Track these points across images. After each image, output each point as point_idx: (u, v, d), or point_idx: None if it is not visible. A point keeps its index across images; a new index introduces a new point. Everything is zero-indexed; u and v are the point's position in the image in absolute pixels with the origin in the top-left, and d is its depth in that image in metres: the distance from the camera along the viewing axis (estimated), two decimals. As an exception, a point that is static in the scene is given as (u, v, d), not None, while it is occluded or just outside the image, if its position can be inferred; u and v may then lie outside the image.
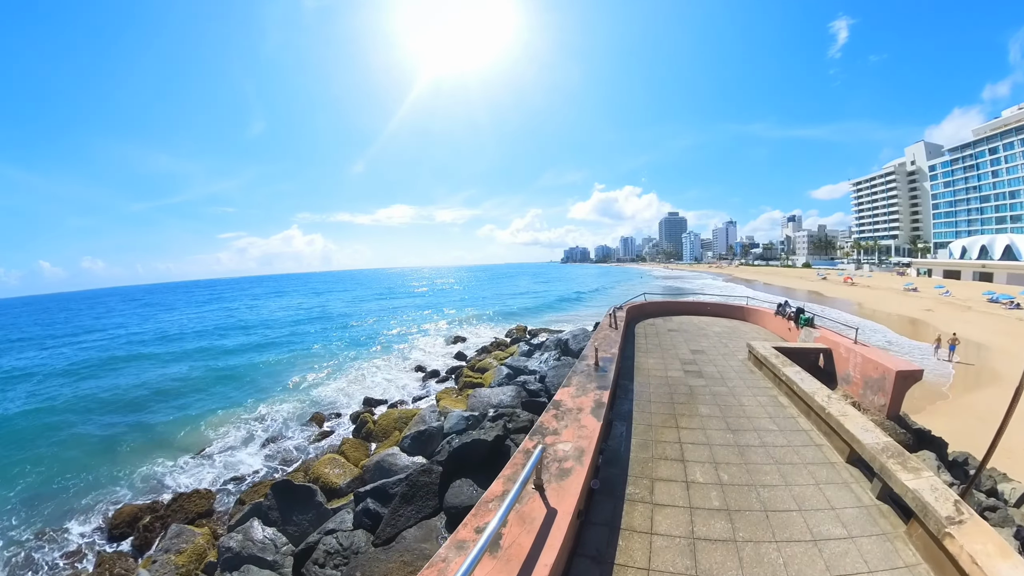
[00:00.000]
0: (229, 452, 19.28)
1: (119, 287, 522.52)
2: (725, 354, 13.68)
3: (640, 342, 15.23)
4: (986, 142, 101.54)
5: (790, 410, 9.18)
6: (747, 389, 10.24)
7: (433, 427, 14.71)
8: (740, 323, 19.72)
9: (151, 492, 16.31)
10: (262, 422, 22.33)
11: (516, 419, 11.45)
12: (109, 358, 42.64)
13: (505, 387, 16.75)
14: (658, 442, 7.52)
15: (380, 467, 13.76)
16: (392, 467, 13.54)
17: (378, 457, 14.33)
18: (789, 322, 15.92)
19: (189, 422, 23.24)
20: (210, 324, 64.16)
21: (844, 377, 12.02)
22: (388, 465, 13.67)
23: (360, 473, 14.35)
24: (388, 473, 13.30)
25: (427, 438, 14.37)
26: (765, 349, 11.76)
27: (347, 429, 20.16)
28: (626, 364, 12.11)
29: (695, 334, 16.91)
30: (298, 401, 24.88)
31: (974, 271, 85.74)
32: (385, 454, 14.37)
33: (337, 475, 14.36)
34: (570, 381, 8.16)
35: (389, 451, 14.67)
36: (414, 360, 32.28)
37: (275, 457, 18.48)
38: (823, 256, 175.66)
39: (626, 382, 10.46)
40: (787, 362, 10.59)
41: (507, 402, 15.59)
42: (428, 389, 24.19)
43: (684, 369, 11.86)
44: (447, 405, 18.03)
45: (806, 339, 14.15)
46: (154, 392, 29.18)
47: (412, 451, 14.21)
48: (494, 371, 22.13)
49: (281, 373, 31.70)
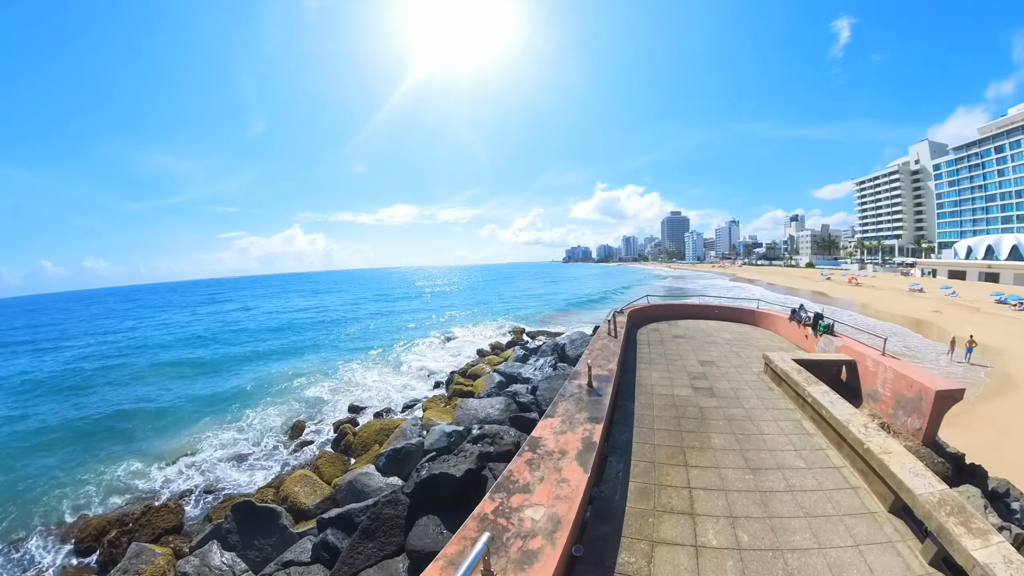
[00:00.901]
0: (206, 461, 18.25)
1: (121, 287, 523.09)
2: (738, 366, 12.29)
3: (643, 351, 13.85)
4: (992, 140, 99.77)
5: (817, 439, 7.84)
6: (766, 412, 8.90)
7: (412, 444, 13.44)
8: (751, 328, 18.25)
9: (123, 503, 15.55)
10: (243, 430, 21.21)
11: (499, 441, 10.14)
12: (97, 361, 41.42)
13: (494, 398, 15.43)
14: (662, 486, 6.17)
15: (352, 487, 12.67)
16: (364, 488, 12.43)
17: (351, 476, 13.22)
18: (805, 329, 14.50)
19: (169, 428, 22.15)
20: (201, 327, 62.80)
21: (871, 394, 10.65)
22: (360, 486, 12.55)
23: (332, 492, 13.31)
24: (359, 495, 12.25)
25: (404, 456, 13.10)
26: (785, 362, 10.42)
27: (328, 438, 18.99)
28: (626, 378, 10.78)
29: (703, 341, 15.52)
30: (284, 407, 23.66)
31: (980, 271, 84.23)
32: (359, 473, 13.25)
33: (307, 494, 13.28)
34: (555, 409, 6.80)
35: (364, 469, 13.53)
36: (407, 364, 31.00)
37: (250, 468, 17.42)
38: (826, 256, 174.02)
39: (625, 402, 9.12)
40: (812, 379, 9.24)
41: (495, 416, 14.29)
42: (417, 396, 22.89)
43: (693, 385, 10.47)
44: (432, 417, 16.75)
45: (826, 348, 12.79)
46: (136, 397, 27.94)
47: (387, 471, 13.00)
48: (486, 378, 20.79)
49: (270, 377, 30.40)
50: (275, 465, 17.42)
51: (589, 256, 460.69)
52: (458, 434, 13.45)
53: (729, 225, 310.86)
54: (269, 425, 21.41)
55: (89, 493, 16.35)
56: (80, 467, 18.45)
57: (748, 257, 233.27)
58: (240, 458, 18.31)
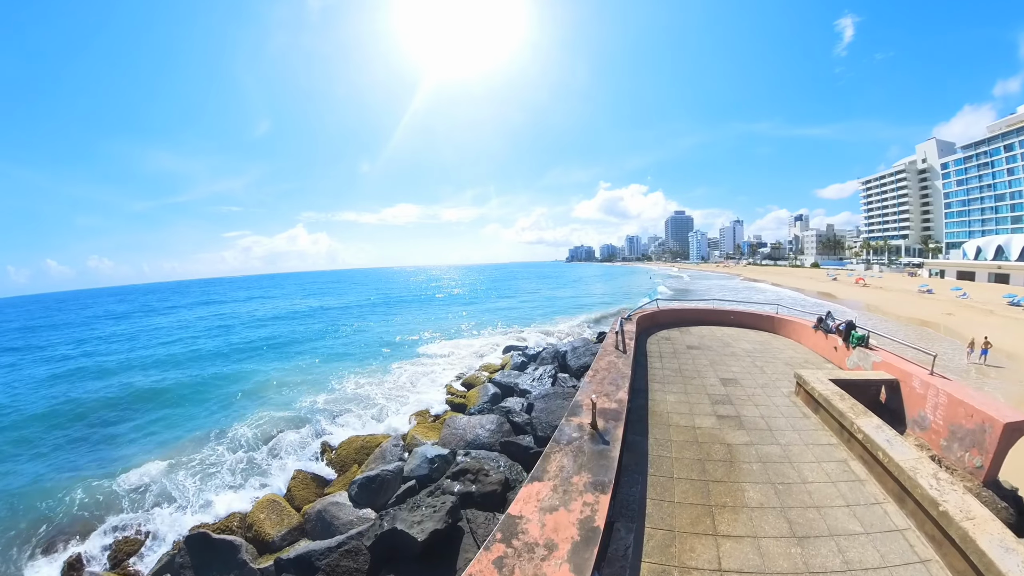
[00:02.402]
0: (175, 480, 16.77)
1: (125, 286, 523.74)
2: (765, 385, 10.74)
3: (654, 366, 12.30)
4: (1001, 139, 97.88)
5: (871, 488, 6.38)
6: (806, 449, 7.41)
7: (389, 471, 12.06)
8: (770, 337, 16.66)
9: (81, 530, 14.03)
10: (220, 445, 19.75)
11: (483, 479, 8.75)
12: (79, 364, 40.14)
13: (486, 416, 14.01)
14: (685, 570, 4.72)
15: (322, 518, 11.41)
16: (333, 521, 11.14)
17: (322, 504, 11.93)
18: (835, 339, 12.88)
19: (144, 443, 20.71)
20: (194, 330, 61.41)
21: (917, 420, 9.16)
22: (330, 517, 11.27)
23: (301, 522, 11.98)
24: (327, 528, 10.96)
25: (379, 485, 11.72)
26: (823, 384, 8.95)
27: (307, 454, 17.56)
28: (637, 403, 9.28)
29: (721, 352, 13.96)
30: (266, 418, 22.17)
31: (990, 272, 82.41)
32: (330, 502, 11.96)
33: (273, 523, 11.99)
34: (546, 465, 5.26)
35: (335, 498, 12.24)
36: (399, 371, 29.52)
37: (219, 489, 15.97)
38: (831, 256, 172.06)
39: (637, 437, 7.63)
40: (859, 408, 7.76)
41: (484, 438, 12.88)
42: (406, 407, 21.47)
43: (716, 412, 8.91)
44: (418, 435, 15.34)
45: (860, 363, 11.28)
46: (112, 408, 26.49)
47: (360, 500, 11.64)
48: (480, 389, 19.35)
49: (256, 385, 28.98)
50: (247, 486, 16.03)
51: (592, 256, 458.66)
52: (441, 460, 12.10)
53: (733, 225, 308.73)
54: (248, 439, 19.99)
55: (47, 520, 14.89)
56: (43, 488, 17.02)
57: (753, 257, 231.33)
58: (211, 477, 16.95)
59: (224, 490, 15.87)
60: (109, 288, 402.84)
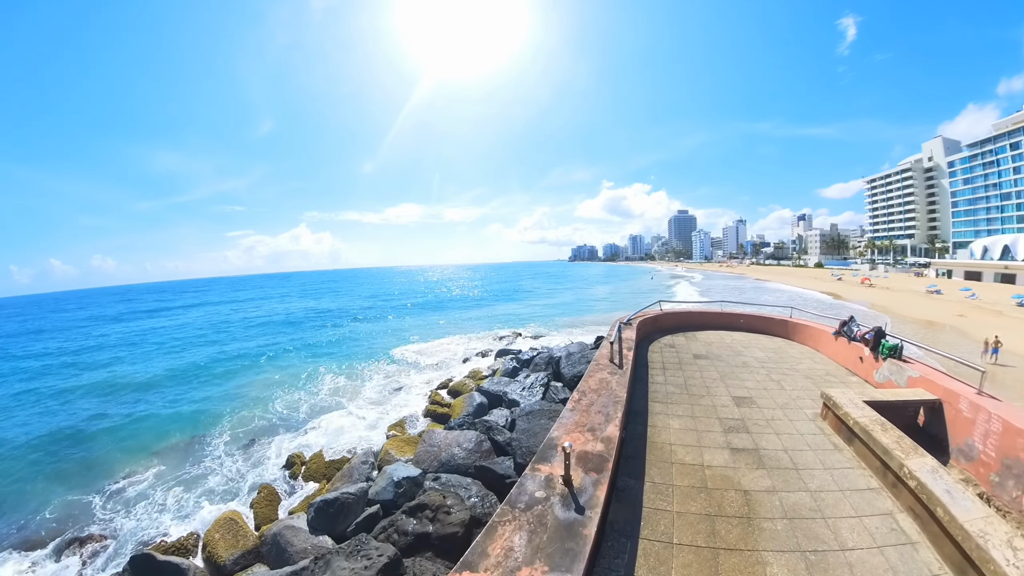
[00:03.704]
0: (139, 493, 15.81)
1: (128, 285, 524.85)
2: (785, 405, 9.31)
3: (656, 380, 10.81)
4: (1007, 137, 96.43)
5: (925, 555, 4.94)
6: (842, 498, 5.91)
7: (351, 493, 10.77)
8: (784, 343, 15.12)
9: (34, 542, 13.32)
10: (190, 454, 18.69)
11: (443, 519, 7.47)
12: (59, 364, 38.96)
13: (467, 431, 12.61)
14: None
15: (277, 543, 10.23)
16: (287, 548, 9.94)
17: (279, 527, 10.64)
18: (860, 348, 11.33)
19: (110, 454, 19.52)
20: (185, 333, 60.14)
21: (962, 449, 7.70)
22: (284, 543, 10.07)
23: (257, 544, 10.79)
24: (281, 556, 9.79)
25: (338, 509, 10.42)
26: (857, 408, 7.50)
27: (276, 469, 16.34)
28: (633, 430, 7.82)
29: (732, 363, 12.50)
30: (240, 423, 21.05)
31: (996, 272, 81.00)
32: (286, 525, 10.75)
33: (227, 545, 10.82)
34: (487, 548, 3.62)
35: (294, 520, 11.07)
36: (385, 374, 28.25)
37: (182, 503, 14.96)
38: (835, 256, 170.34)
39: (630, 480, 6.12)
40: (908, 444, 6.24)
41: (460, 459, 11.53)
42: (385, 417, 20.14)
43: (729, 443, 7.40)
44: (392, 450, 14.04)
45: (892, 377, 9.82)
46: (83, 416, 25.23)
47: (317, 526, 10.39)
48: (466, 398, 17.99)
49: (236, 392, 27.69)
50: (210, 500, 14.97)
51: (595, 255, 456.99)
52: (409, 483, 10.79)
53: (736, 224, 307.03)
54: (218, 449, 18.91)
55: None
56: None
57: (756, 256, 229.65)
58: (176, 489, 15.87)
59: (187, 504, 14.87)
60: (111, 288, 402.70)
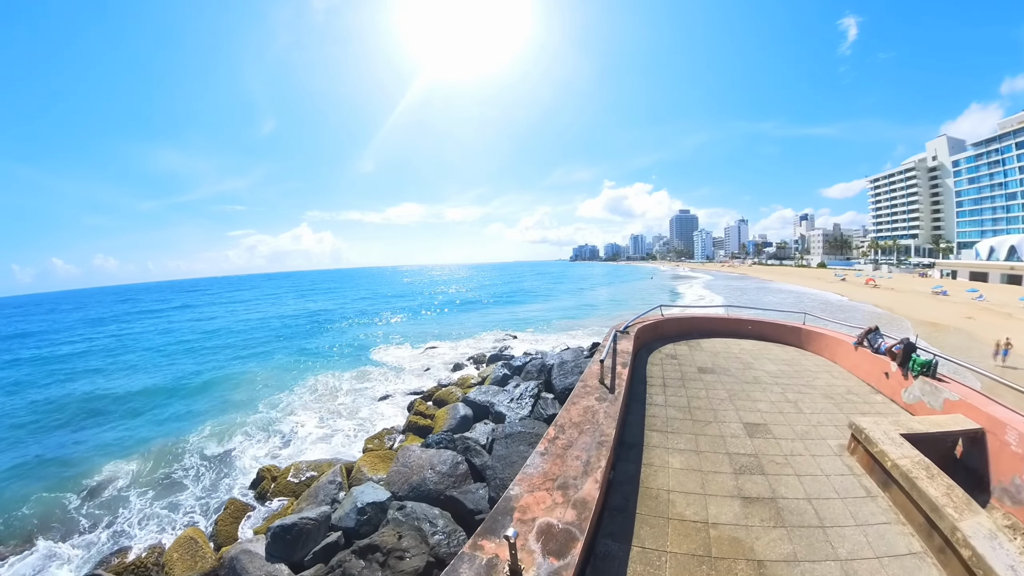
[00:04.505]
0: (105, 509, 15.19)
1: (130, 284, 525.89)
2: (805, 434, 7.97)
3: (655, 401, 9.25)
4: (1013, 136, 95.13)
5: None
6: (879, 568, 4.66)
7: (311, 519, 10.16)
8: (798, 354, 13.72)
9: None
10: (160, 466, 18.08)
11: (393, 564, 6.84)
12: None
13: (443, 452, 11.86)
14: None
15: (233, 568, 9.69)
16: (243, 574, 9.35)
17: (237, 550, 10.09)
18: (885, 362, 9.95)
19: (84, 460, 19.13)
20: (172, 336, 59.47)
21: (1008, 489, 6.25)
22: (240, 569, 9.61)
23: (215, 566, 10.21)
24: None
25: (296, 535, 9.81)
26: (895, 446, 6.32)
27: (245, 483, 15.78)
28: (625, 472, 6.44)
29: (741, 378, 11.02)
30: (217, 435, 20.43)
31: (1003, 273, 79.71)
32: (243, 549, 10.14)
33: (184, 566, 10.30)
34: None
35: (253, 544, 10.43)
36: (370, 382, 27.52)
37: (149, 516, 14.44)
38: (838, 256, 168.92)
39: (613, 544, 4.88)
40: (960, 497, 5.12)
41: (432, 483, 10.83)
42: (364, 429, 19.50)
43: (740, 490, 6.01)
44: (365, 467, 13.40)
45: (925, 398, 8.59)
46: (56, 421, 24.68)
47: (274, 552, 9.79)
48: (449, 409, 17.27)
49: (217, 396, 27.14)
50: (173, 514, 14.49)
51: (596, 255, 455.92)
52: (374, 509, 10.17)
53: (738, 224, 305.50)
54: (191, 458, 18.44)
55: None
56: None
57: (758, 256, 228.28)
58: (142, 499, 15.47)
59: (152, 517, 14.39)
60: (112, 287, 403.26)
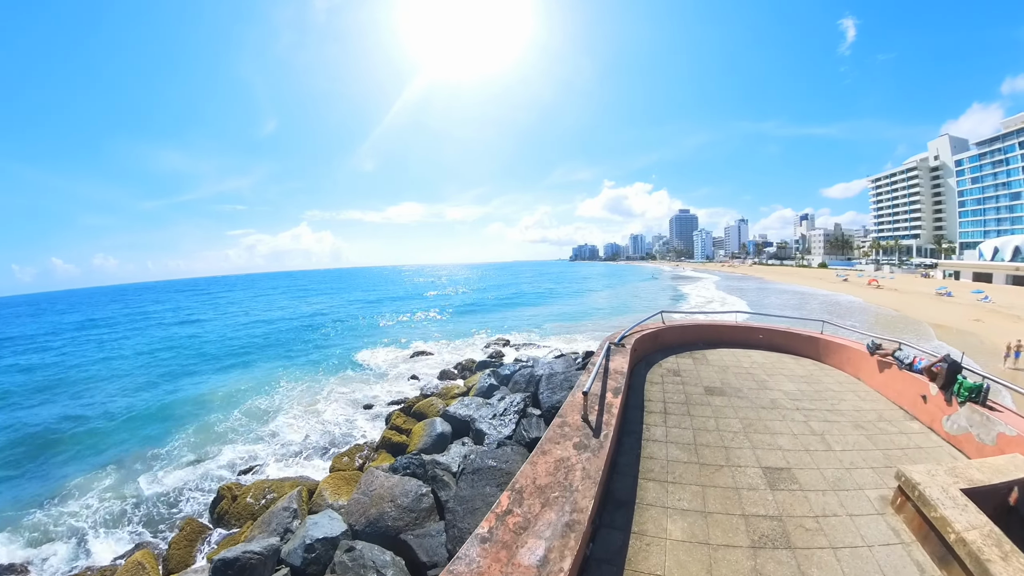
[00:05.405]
0: (61, 522, 14.05)
1: (129, 284, 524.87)
2: (837, 482, 6.31)
3: (653, 435, 7.50)
4: (1016, 135, 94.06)
5: None
6: None
7: (256, 553, 8.87)
8: (815, 367, 12.24)
9: None
10: (123, 480, 16.77)
11: None
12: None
13: (408, 481, 10.35)
14: None
15: None
16: None
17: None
18: (922, 383, 8.41)
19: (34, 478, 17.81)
20: (156, 337, 57.99)
21: None
22: None
23: None
24: None
25: (239, 570, 8.49)
26: (954, 505, 4.79)
27: (205, 501, 14.40)
28: (608, 543, 4.94)
29: (756, 401, 9.35)
30: (180, 448, 19.12)
31: (1008, 274, 78.37)
32: None
33: None
34: None
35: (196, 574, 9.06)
36: (357, 388, 26.14)
37: (103, 535, 13.29)
38: (839, 256, 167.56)
39: None
40: None
41: (391, 517, 9.44)
42: (335, 444, 18.10)
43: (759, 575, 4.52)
44: (327, 490, 12.03)
45: (973, 428, 7.03)
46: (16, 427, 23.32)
47: None
48: (427, 425, 15.85)
49: (193, 402, 25.77)
50: (128, 533, 13.26)
51: (596, 254, 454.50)
52: (324, 546, 8.81)
53: (738, 224, 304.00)
54: (154, 468, 17.24)
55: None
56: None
57: (758, 256, 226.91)
58: (98, 515, 14.24)
59: (111, 535, 13.28)
60: (110, 287, 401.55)
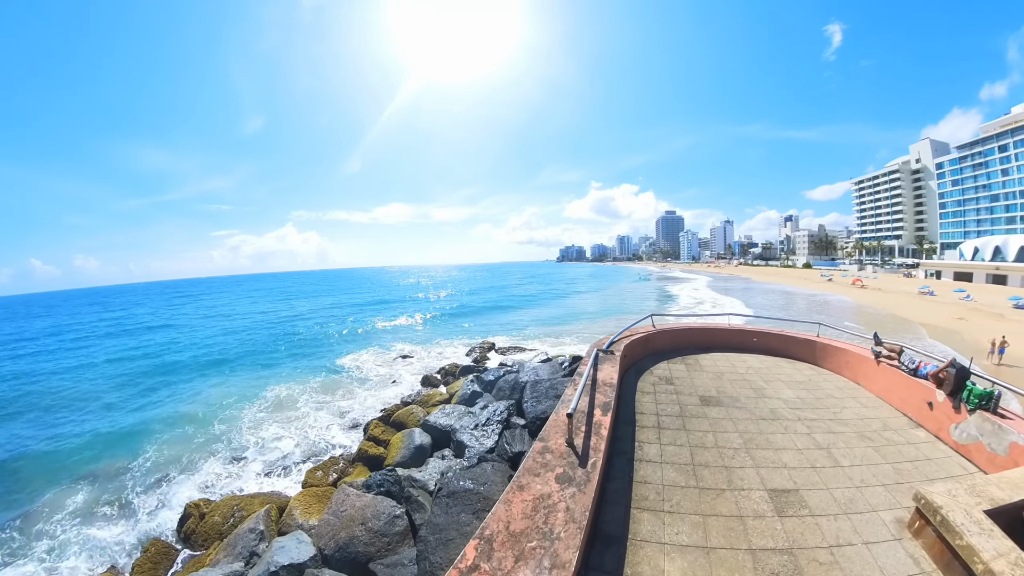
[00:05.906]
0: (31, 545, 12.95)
1: (111, 286, 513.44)
2: (848, 504, 5.76)
3: (647, 454, 6.87)
4: (995, 139, 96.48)
5: None
6: None
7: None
8: (813, 372, 11.77)
9: None
10: (88, 495, 15.64)
11: None
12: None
13: (381, 501, 9.47)
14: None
15: None
16: None
17: None
18: (928, 388, 7.98)
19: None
20: (130, 343, 56.44)
21: None
22: None
23: None
24: None
25: None
26: (981, 532, 4.27)
27: (172, 521, 13.39)
28: None
29: (755, 411, 8.72)
30: (155, 459, 17.98)
31: (988, 273, 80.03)
32: None
33: None
34: None
35: None
36: (335, 397, 25.09)
37: (65, 558, 12.24)
38: (823, 256, 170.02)
39: None
40: None
41: (362, 542, 8.59)
42: (313, 455, 17.20)
43: None
44: (298, 509, 11.14)
45: (984, 437, 6.58)
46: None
47: None
48: (404, 437, 15.00)
49: (164, 412, 24.58)
50: (88, 555, 12.28)
51: (583, 255, 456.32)
52: (291, 572, 7.97)
53: (724, 225, 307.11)
54: (121, 483, 16.10)
55: None
56: None
57: (744, 257, 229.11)
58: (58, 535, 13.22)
59: (73, 555, 12.34)
60: (90, 289, 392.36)
